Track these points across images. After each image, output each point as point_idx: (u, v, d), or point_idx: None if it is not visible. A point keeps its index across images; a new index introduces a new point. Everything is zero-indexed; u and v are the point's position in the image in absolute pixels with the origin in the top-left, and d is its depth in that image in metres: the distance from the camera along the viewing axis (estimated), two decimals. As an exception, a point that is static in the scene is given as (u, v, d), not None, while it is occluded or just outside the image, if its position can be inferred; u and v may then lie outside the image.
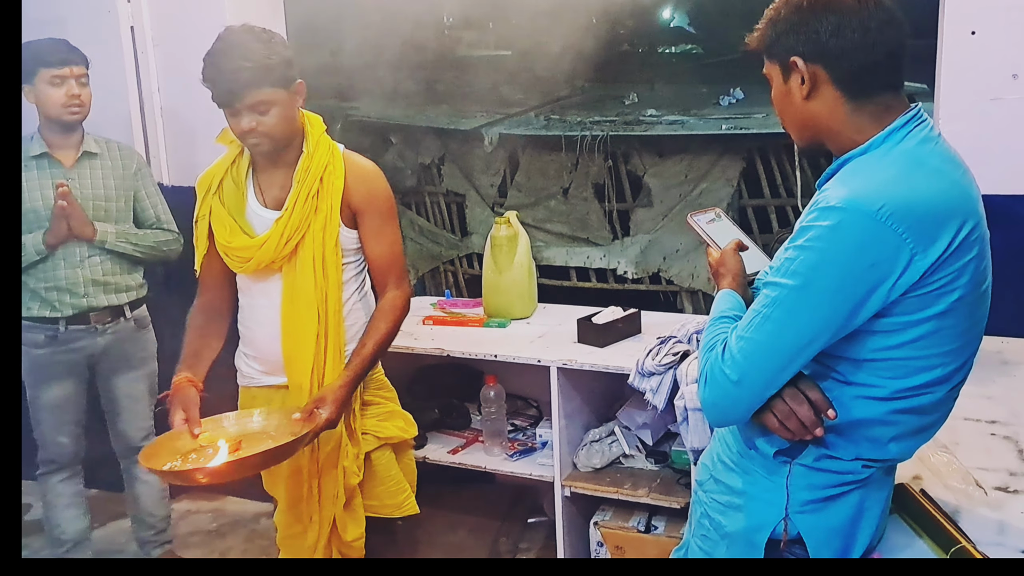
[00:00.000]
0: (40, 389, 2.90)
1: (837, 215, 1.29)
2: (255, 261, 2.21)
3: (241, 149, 2.25)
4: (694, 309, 4.21)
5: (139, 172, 2.98)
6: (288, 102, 2.13)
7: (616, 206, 4.28)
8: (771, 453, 1.47)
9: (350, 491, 2.27)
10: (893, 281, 1.29)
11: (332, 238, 2.20)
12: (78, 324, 2.88)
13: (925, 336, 1.34)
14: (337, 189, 2.20)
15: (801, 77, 1.40)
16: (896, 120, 1.38)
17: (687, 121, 4.01)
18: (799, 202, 3.51)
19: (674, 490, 2.59)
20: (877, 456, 1.43)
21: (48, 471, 2.98)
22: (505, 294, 3.08)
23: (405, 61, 3.94)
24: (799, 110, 1.44)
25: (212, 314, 2.35)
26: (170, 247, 3.00)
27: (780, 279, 1.35)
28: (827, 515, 1.45)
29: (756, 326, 1.36)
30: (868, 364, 1.38)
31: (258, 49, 2.07)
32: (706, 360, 1.43)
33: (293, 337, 2.23)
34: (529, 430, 3.01)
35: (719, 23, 3.75)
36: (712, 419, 1.47)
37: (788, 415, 1.38)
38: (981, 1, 2.39)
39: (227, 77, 2.05)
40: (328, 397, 2.10)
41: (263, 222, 2.23)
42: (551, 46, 3.78)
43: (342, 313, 2.26)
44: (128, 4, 3.32)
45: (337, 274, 2.23)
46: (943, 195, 1.32)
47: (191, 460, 2.03)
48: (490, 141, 4.32)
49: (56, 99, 2.77)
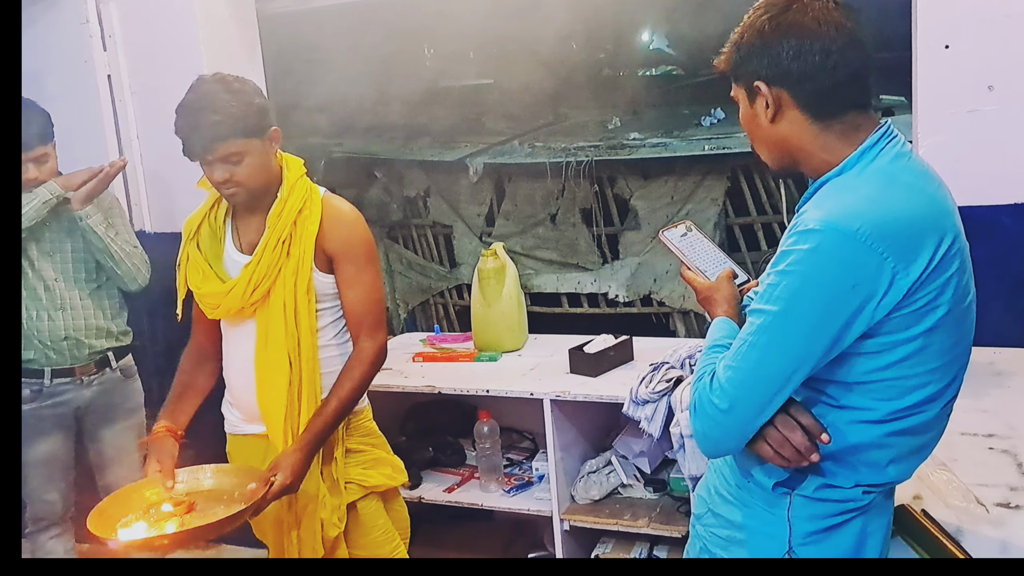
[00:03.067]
0: (26, 446, 2.83)
1: (816, 237, 1.28)
2: (224, 307, 2.18)
3: (219, 195, 2.23)
4: (686, 330, 4.19)
5: (110, 209, 2.90)
6: (262, 150, 2.11)
7: (604, 230, 4.27)
8: (770, 485, 1.44)
9: (330, 544, 2.20)
10: (877, 301, 1.28)
11: (304, 283, 2.15)
12: (63, 377, 2.84)
13: (913, 355, 1.33)
14: (311, 234, 2.15)
15: (766, 101, 1.40)
16: (868, 139, 1.37)
17: (670, 143, 4.02)
18: (785, 218, 3.51)
19: (675, 519, 2.56)
20: (877, 480, 1.41)
21: (37, 529, 2.92)
22: (494, 327, 3.05)
23: (387, 95, 3.94)
24: (767, 133, 1.44)
25: (200, 357, 2.32)
26: (139, 271, 2.90)
27: (764, 305, 1.33)
28: (830, 545, 1.43)
29: (743, 354, 1.34)
30: (858, 387, 1.36)
31: (228, 100, 2.04)
32: (696, 391, 1.41)
33: (266, 385, 2.18)
34: (525, 463, 2.97)
35: (697, 43, 3.76)
36: (705, 450, 1.45)
37: (782, 443, 1.36)
38: (953, 15, 2.40)
39: (197, 131, 2.04)
40: (282, 463, 2.04)
41: (238, 267, 2.19)
42: (532, 74, 3.79)
43: (317, 359, 2.19)
44: (104, 53, 3.31)
45: (310, 320, 2.17)
46: (920, 211, 1.31)
47: (151, 515, 2.01)
48: (475, 171, 4.31)
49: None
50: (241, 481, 2.09)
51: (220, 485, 2.11)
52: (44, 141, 2.75)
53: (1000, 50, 2.37)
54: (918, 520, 1.58)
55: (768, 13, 1.39)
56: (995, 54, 2.38)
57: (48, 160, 2.77)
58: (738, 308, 1.53)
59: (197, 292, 2.21)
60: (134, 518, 2.00)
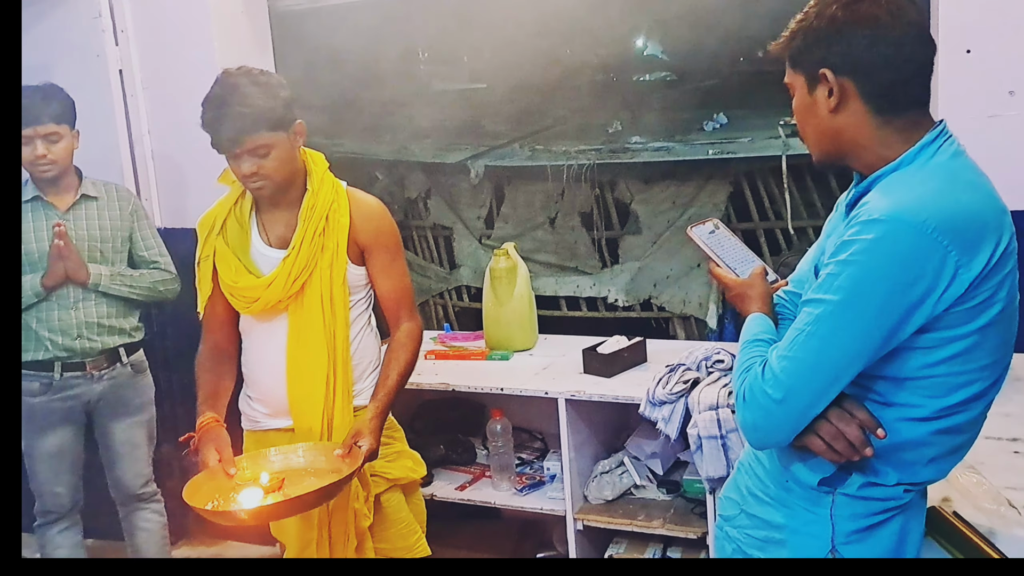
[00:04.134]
0: (36, 439, 2.85)
1: (881, 227, 1.28)
2: (263, 301, 2.19)
3: (243, 189, 2.24)
4: (686, 335, 4.23)
5: (135, 213, 2.95)
6: (288, 144, 2.13)
7: (604, 234, 4.29)
8: (813, 483, 1.45)
9: (361, 534, 2.24)
10: (939, 294, 1.29)
11: (340, 276, 2.20)
12: (74, 371, 2.83)
13: (965, 352, 1.34)
14: (343, 227, 2.19)
15: (829, 90, 1.39)
16: (925, 136, 1.37)
17: (672, 147, 4.04)
18: (789, 225, 3.55)
19: (689, 520, 2.59)
20: (917, 479, 1.43)
21: (46, 522, 2.92)
22: (506, 326, 3.08)
23: (386, 97, 3.95)
24: (823, 123, 1.43)
25: (220, 356, 2.33)
26: (167, 287, 2.96)
27: (823, 295, 1.33)
28: (872, 543, 1.44)
29: (800, 344, 1.34)
30: (909, 383, 1.37)
31: (255, 93, 2.07)
32: (743, 380, 1.41)
33: (300, 378, 2.21)
34: (536, 463, 2.99)
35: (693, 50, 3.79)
36: (753, 441, 1.45)
37: (836, 436, 1.36)
38: (974, 20, 2.41)
39: (225, 123, 2.05)
40: (364, 429, 2.09)
41: (268, 261, 2.21)
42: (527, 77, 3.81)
43: (350, 351, 2.24)
44: (116, 48, 3.30)
45: (345, 312, 2.22)
46: (982, 208, 1.33)
47: (232, 499, 2.00)
48: (476, 174, 4.32)
49: (26, 156, 2.73)
50: (313, 457, 2.13)
51: (290, 464, 2.13)
52: (58, 120, 2.74)
53: (1022, 55, 2.37)
54: (951, 521, 1.60)
55: (841, 1, 1.37)
56: (1017, 59, 2.38)
57: (60, 140, 2.76)
58: (772, 305, 1.54)
59: (232, 287, 2.21)
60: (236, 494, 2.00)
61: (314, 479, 2.04)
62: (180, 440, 2.20)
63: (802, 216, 3.33)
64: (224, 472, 2.07)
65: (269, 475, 2.06)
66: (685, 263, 3.59)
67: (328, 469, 2.05)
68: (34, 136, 2.71)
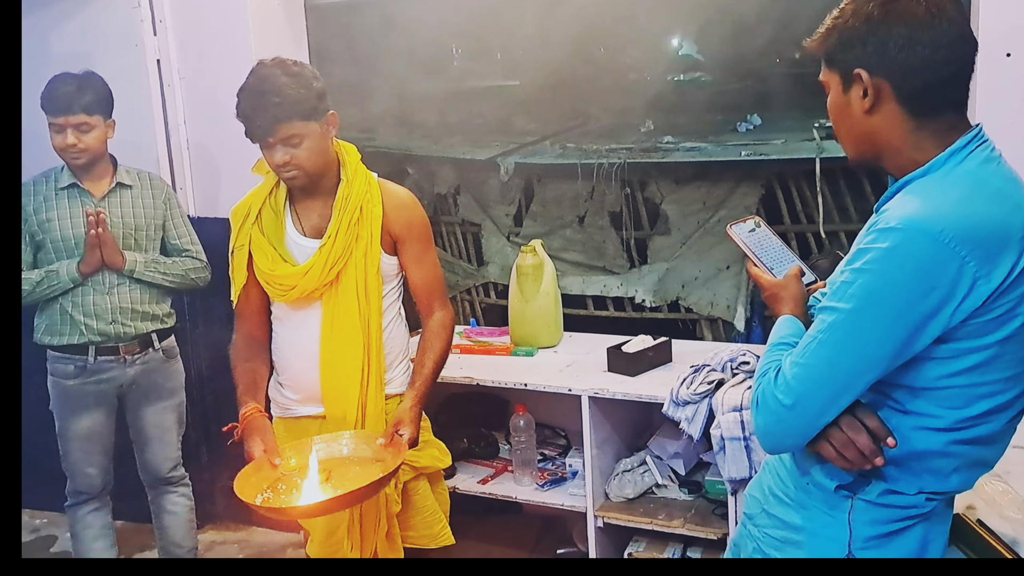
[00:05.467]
0: (69, 420, 2.91)
1: (897, 236, 1.26)
2: (299, 289, 2.23)
3: (278, 179, 2.27)
4: (713, 337, 4.22)
5: (168, 201, 2.99)
6: (320, 134, 2.16)
7: (633, 234, 4.28)
8: (832, 487, 1.44)
9: (390, 519, 2.28)
10: (955, 305, 1.26)
11: (374, 265, 2.23)
12: (107, 355, 2.89)
13: (985, 363, 1.32)
14: (376, 217, 2.23)
15: (864, 90, 1.36)
16: (958, 140, 1.34)
17: (705, 148, 4.02)
18: (820, 228, 3.53)
19: (710, 520, 2.59)
20: (940, 488, 1.41)
21: (76, 502, 2.98)
22: (532, 323, 3.10)
23: (419, 92, 3.98)
24: (857, 123, 1.40)
25: (254, 345, 2.37)
26: (199, 275, 3.01)
27: (836, 303, 1.32)
28: (891, 550, 1.43)
29: (811, 351, 1.34)
30: (927, 392, 1.35)
31: (289, 83, 2.10)
32: (759, 384, 1.41)
33: (333, 366, 2.25)
34: (558, 459, 3.00)
35: (728, 51, 3.76)
36: (765, 446, 1.45)
37: (846, 444, 1.35)
38: (1015, 23, 2.37)
39: (259, 113, 2.09)
40: (405, 418, 2.14)
41: (303, 250, 2.25)
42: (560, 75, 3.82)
43: (383, 340, 2.28)
44: (155, 38, 3.35)
45: (379, 301, 2.26)
46: (1006, 218, 1.29)
47: (280, 491, 2.02)
48: (506, 171, 4.33)
49: (56, 143, 2.79)
50: (356, 445, 2.15)
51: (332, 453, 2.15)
52: (89, 111, 2.78)
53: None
54: (974, 529, 1.60)
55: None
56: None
57: (91, 131, 2.80)
58: (805, 308, 1.53)
59: (269, 275, 2.25)
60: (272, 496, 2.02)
61: (359, 469, 2.06)
62: (224, 430, 2.22)
63: (834, 220, 3.30)
64: (269, 462, 2.10)
65: (318, 468, 2.07)
66: (714, 265, 3.57)
67: (372, 459, 2.09)
68: (65, 125, 2.76)
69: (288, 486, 2.05)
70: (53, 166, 2.88)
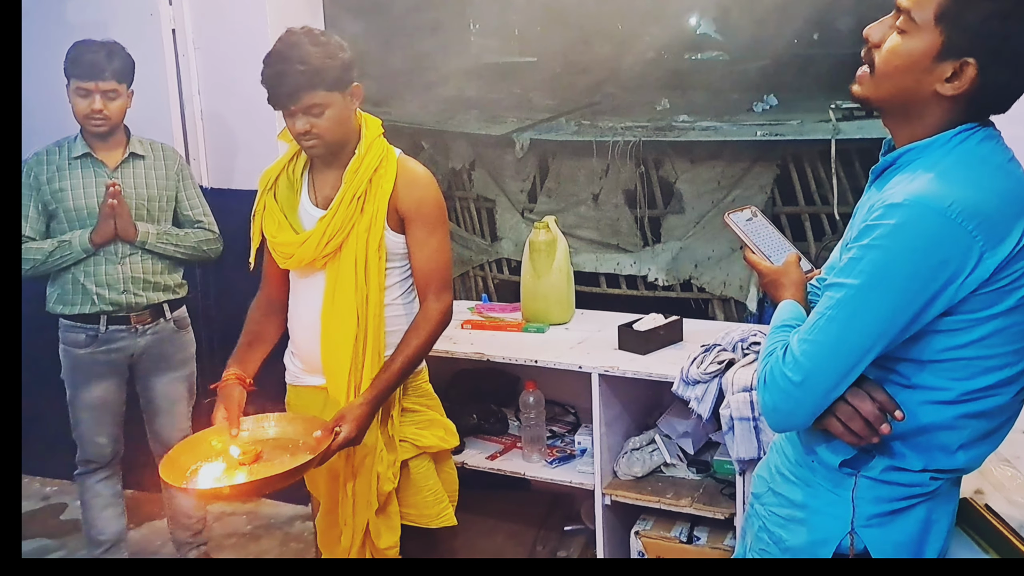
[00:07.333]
0: (80, 389, 2.92)
1: (904, 212, 1.27)
2: (297, 257, 2.23)
3: (299, 148, 2.27)
4: (725, 317, 4.20)
5: (180, 172, 2.99)
6: (343, 105, 2.15)
7: (647, 212, 4.26)
8: (835, 464, 1.45)
9: (384, 497, 2.26)
10: (962, 279, 1.27)
11: (376, 240, 2.21)
12: (118, 324, 2.90)
13: (992, 334, 1.32)
14: (385, 192, 2.21)
15: (954, 73, 1.30)
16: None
17: (720, 127, 3.99)
18: (835, 210, 3.50)
19: (718, 500, 2.58)
20: (946, 466, 1.41)
21: (86, 471, 2.99)
22: (543, 299, 3.09)
23: (434, 66, 3.96)
24: (920, 87, 1.34)
25: (270, 308, 2.38)
26: (211, 247, 3.01)
27: (844, 279, 1.33)
28: (894, 529, 1.43)
29: (820, 328, 1.34)
30: (932, 365, 1.36)
31: (314, 52, 2.09)
32: (765, 364, 1.41)
33: (331, 338, 2.24)
34: (567, 436, 3.00)
35: (746, 31, 3.72)
36: (773, 424, 1.45)
37: (851, 416, 1.36)
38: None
39: (283, 80, 2.08)
40: (348, 415, 2.10)
41: (311, 220, 2.25)
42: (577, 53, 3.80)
43: (383, 316, 2.25)
44: (170, 7, 3.34)
45: (379, 277, 2.23)
46: (1010, 192, 1.31)
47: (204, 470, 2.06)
48: (521, 147, 4.31)
49: (81, 109, 2.79)
50: (305, 430, 2.14)
51: (284, 434, 2.17)
52: (119, 78, 2.80)
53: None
54: (981, 514, 1.59)
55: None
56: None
57: (117, 99, 2.81)
58: (805, 293, 1.54)
59: (272, 241, 2.27)
60: (203, 466, 2.05)
61: (288, 456, 2.06)
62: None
63: (848, 202, 3.28)
64: (228, 431, 2.15)
65: (241, 449, 2.09)
66: (727, 244, 3.55)
67: (304, 447, 2.08)
68: (95, 91, 2.76)
69: (227, 463, 2.07)
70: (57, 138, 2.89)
